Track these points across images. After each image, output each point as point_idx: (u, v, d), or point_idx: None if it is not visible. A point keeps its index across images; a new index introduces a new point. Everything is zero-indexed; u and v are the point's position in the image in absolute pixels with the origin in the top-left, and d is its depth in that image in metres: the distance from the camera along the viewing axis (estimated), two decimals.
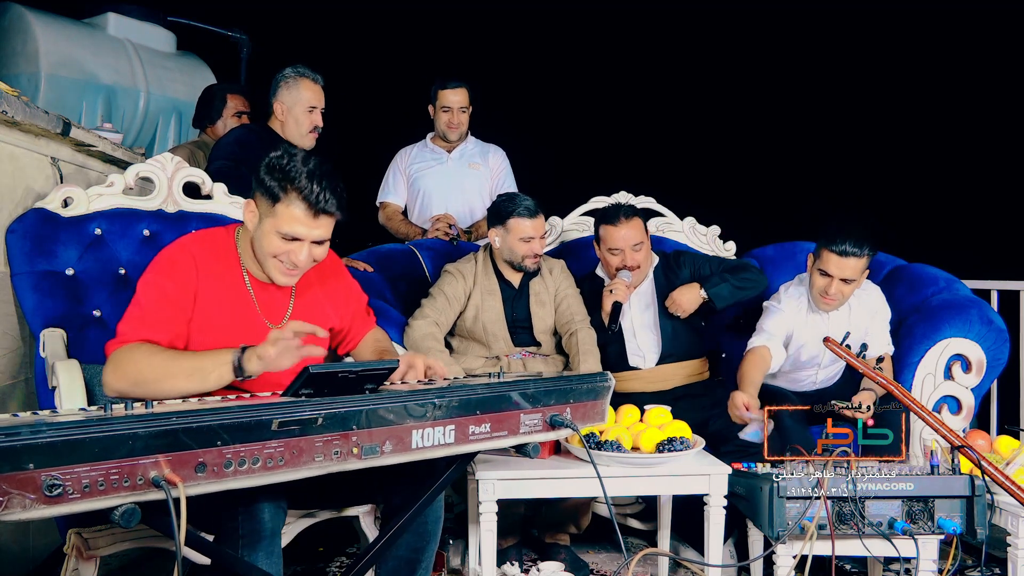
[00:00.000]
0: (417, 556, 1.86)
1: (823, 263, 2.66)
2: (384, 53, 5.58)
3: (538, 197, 2.87)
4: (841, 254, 2.61)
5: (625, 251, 2.89)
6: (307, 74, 3.03)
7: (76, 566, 1.84)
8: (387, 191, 3.77)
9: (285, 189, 1.77)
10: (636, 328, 2.95)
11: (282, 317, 1.94)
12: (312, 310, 2.00)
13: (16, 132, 2.33)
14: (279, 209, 1.78)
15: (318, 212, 1.78)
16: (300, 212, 1.77)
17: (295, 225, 1.78)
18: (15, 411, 2.22)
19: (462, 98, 3.63)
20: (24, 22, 3.85)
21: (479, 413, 1.62)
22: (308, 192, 1.76)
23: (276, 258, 1.83)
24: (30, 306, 2.25)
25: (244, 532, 1.59)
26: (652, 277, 3.01)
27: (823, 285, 2.68)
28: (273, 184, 1.77)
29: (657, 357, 2.93)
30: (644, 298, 2.98)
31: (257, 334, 1.87)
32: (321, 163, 1.81)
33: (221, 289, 1.87)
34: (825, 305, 2.73)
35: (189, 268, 1.84)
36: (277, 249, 1.81)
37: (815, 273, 2.70)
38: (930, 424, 2.12)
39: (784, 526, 2.01)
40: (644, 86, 5.63)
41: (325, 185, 1.77)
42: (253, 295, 1.91)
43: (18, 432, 1.11)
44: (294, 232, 1.79)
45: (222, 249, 1.91)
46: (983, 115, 5.00)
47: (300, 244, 1.81)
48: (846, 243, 2.60)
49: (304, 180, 1.76)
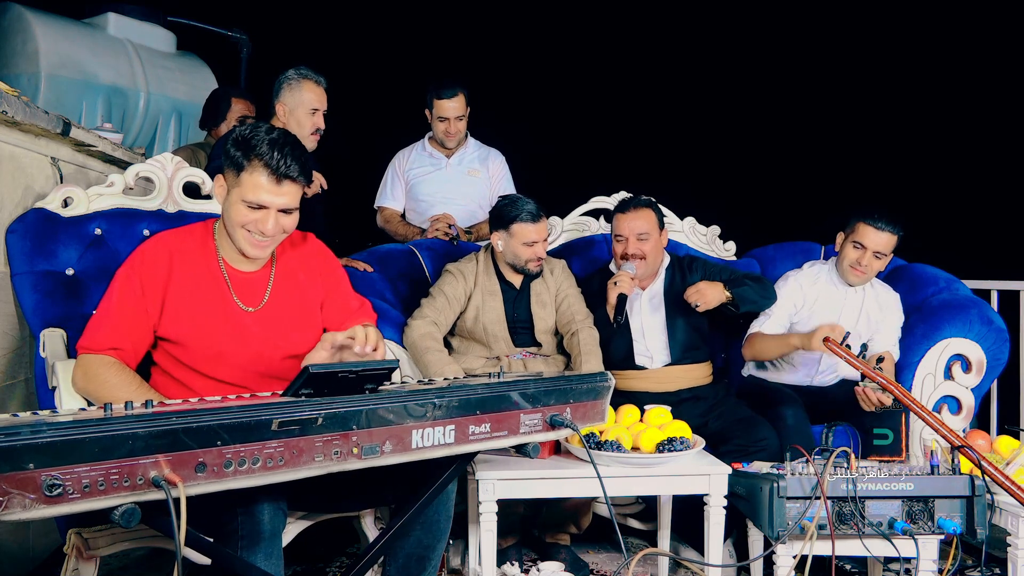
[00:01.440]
0: (427, 553, 1.87)
1: (859, 235, 2.82)
2: (383, 52, 5.57)
3: (538, 197, 2.87)
4: (878, 228, 2.79)
5: (629, 239, 2.89)
6: (310, 76, 3.01)
7: (76, 566, 1.84)
8: (385, 195, 3.75)
9: (248, 158, 1.82)
10: (645, 329, 2.94)
11: (259, 301, 1.98)
12: (291, 295, 2.02)
13: (16, 132, 2.33)
14: (243, 178, 1.83)
15: (280, 178, 1.83)
16: (263, 179, 1.82)
17: (259, 192, 1.83)
18: (15, 411, 2.22)
19: (458, 106, 3.57)
20: (24, 22, 3.85)
21: (479, 413, 1.62)
22: (270, 159, 1.81)
23: (244, 228, 1.87)
24: (30, 306, 2.26)
25: (244, 533, 1.59)
26: (663, 278, 3.00)
27: (856, 256, 2.83)
28: (237, 154, 1.83)
29: (664, 358, 2.93)
30: (654, 299, 2.97)
31: (232, 319, 1.93)
32: (285, 134, 1.87)
33: (195, 278, 1.92)
34: (855, 277, 2.86)
35: (160, 262, 1.90)
36: (245, 219, 1.86)
37: (848, 246, 2.85)
38: (930, 424, 2.13)
39: (784, 526, 2.01)
40: (644, 86, 5.63)
41: (287, 152, 1.83)
42: (228, 281, 1.95)
43: (18, 432, 1.11)
44: (259, 199, 1.83)
45: (198, 241, 1.97)
46: (983, 115, 5.00)
47: (267, 212, 1.85)
48: (883, 218, 2.79)
49: (266, 147, 1.81)
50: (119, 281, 1.90)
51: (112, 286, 1.90)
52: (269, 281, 2.00)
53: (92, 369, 1.83)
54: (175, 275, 1.90)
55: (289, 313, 2.00)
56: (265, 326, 1.96)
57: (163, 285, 1.89)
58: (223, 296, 1.94)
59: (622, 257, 2.92)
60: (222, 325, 1.92)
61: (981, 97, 5.03)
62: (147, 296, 1.88)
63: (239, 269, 1.97)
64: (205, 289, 1.92)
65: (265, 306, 1.97)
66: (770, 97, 5.47)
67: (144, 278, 1.88)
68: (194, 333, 1.90)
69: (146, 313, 1.88)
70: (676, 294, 2.94)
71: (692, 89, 5.56)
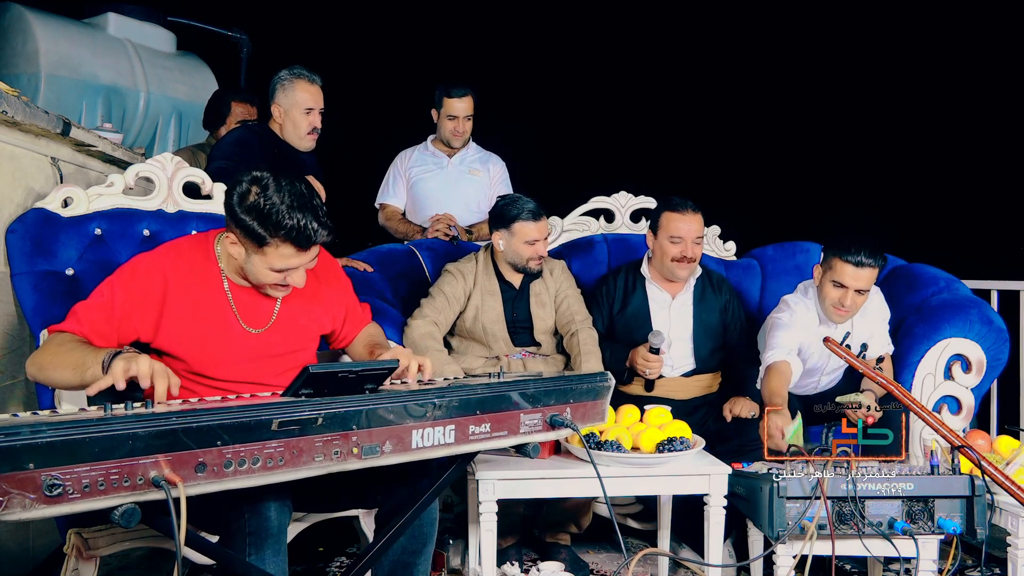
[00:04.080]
0: (412, 559, 1.86)
1: (837, 274, 2.55)
2: (384, 53, 5.57)
3: (538, 197, 2.87)
4: (857, 264, 2.51)
5: (687, 241, 2.85)
6: (303, 75, 2.96)
7: (76, 566, 1.84)
8: (387, 193, 3.76)
9: (270, 234, 1.73)
10: (673, 341, 2.93)
11: (266, 321, 1.93)
12: (300, 312, 1.98)
13: (16, 132, 2.33)
14: (268, 251, 1.76)
15: (308, 247, 1.78)
16: (290, 251, 1.77)
17: (288, 260, 1.78)
18: (15, 411, 2.21)
19: (467, 106, 3.61)
20: (24, 22, 3.85)
21: (479, 413, 1.62)
22: (294, 233, 1.73)
23: (270, 283, 1.83)
24: (30, 306, 2.25)
25: (251, 530, 1.59)
26: (692, 287, 2.98)
27: (838, 296, 2.57)
28: (259, 230, 1.73)
29: (685, 367, 2.94)
30: (683, 308, 2.96)
31: (235, 339, 1.88)
32: (295, 191, 1.75)
33: (196, 297, 1.85)
34: (839, 317, 2.63)
35: (153, 283, 1.82)
36: (273, 280, 1.82)
37: (827, 285, 2.59)
38: (930, 424, 2.12)
39: (784, 526, 2.00)
40: (645, 86, 5.63)
41: (308, 217, 1.74)
42: (232, 301, 1.89)
43: (18, 432, 1.11)
44: (288, 265, 1.79)
45: (200, 258, 1.89)
46: (983, 116, 5.00)
47: (295, 271, 1.82)
48: (861, 253, 2.50)
49: (287, 221, 1.72)
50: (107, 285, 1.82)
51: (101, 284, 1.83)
52: (277, 302, 1.95)
53: (43, 346, 1.77)
54: (173, 297, 1.83)
55: (295, 333, 1.97)
56: (270, 346, 1.93)
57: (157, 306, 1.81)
58: (226, 317, 1.88)
59: (678, 259, 2.84)
60: (224, 346, 1.87)
61: (981, 97, 5.03)
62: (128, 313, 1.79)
63: (244, 288, 1.91)
64: (206, 308, 1.86)
65: (271, 328, 1.93)
66: (770, 97, 5.46)
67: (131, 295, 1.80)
68: (194, 351, 1.85)
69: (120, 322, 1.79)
70: (704, 308, 2.95)
71: (692, 89, 5.56)
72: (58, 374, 1.69)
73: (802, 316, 2.69)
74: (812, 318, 2.70)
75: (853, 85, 5.38)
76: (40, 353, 1.77)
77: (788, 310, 2.70)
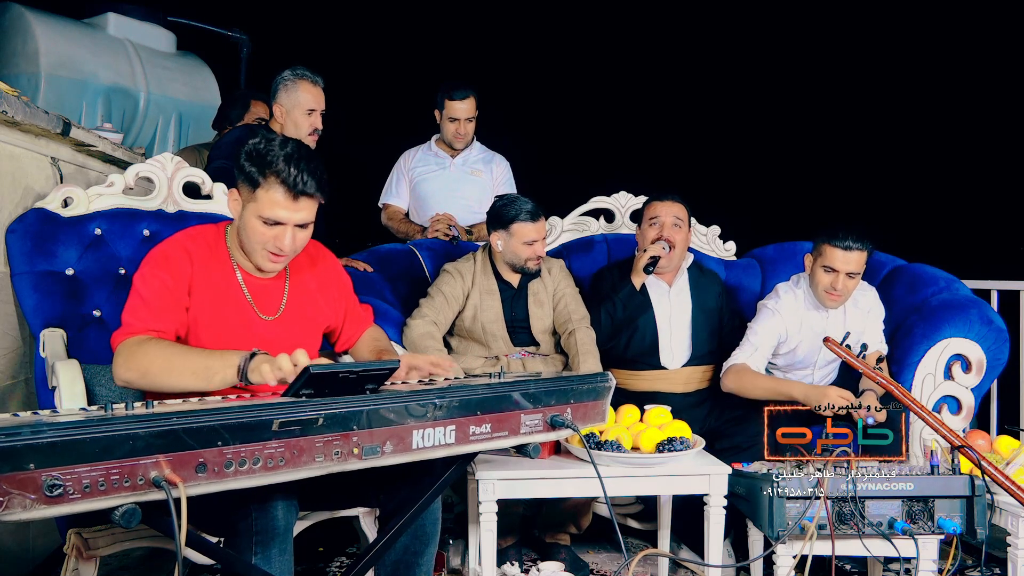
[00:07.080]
0: (414, 559, 1.86)
1: (827, 259, 2.69)
2: (385, 53, 5.58)
3: (537, 197, 2.87)
4: (845, 248, 2.65)
5: (665, 223, 2.91)
6: (306, 76, 2.98)
7: (76, 566, 1.84)
8: (390, 193, 3.77)
9: (264, 174, 1.78)
10: (674, 327, 2.95)
11: (276, 310, 1.96)
12: (306, 304, 2.01)
13: (16, 132, 2.33)
14: (259, 194, 1.80)
15: (298, 194, 1.79)
16: (280, 196, 1.79)
17: (276, 209, 1.80)
18: (15, 411, 2.21)
19: (469, 107, 3.61)
20: (24, 22, 3.86)
21: (480, 413, 1.61)
22: (286, 175, 1.77)
23: (261, 245, 1.84)
24: (30, 306, 2.25)
25: (258, 529, 1.59)
26: (686, 275, 3.02)
27: (829, 281, 2.70)
28: (252, 170, 1.79)
29: (684, 357, 2.94)
30: (680, 294, 2.99)
31: (251, 328, 1.91)
32: (299, 146, 1.83)
33: (213, 284, 1.88)
34: (831, 302, 2.75)
35: (184, 262, 1.86)
36: (262, 235, 1.83)
37: (819, 271, 2.72)
38: (930, 424, 2.12)
39: (784, 526, 2.01)
40: (645, 86, 5.63)
41: (303, 167, 1.79)
42: (245, 289, 1.92)
43: (18, 432, 1.11)
44: (276, 216, 1.80)
45: (213, 245, 1.92)
46: (983, 116, 5.01)
47: (283, 228, 1.82)
48: (848, 237, 2.65)
49: (282, 163, 1.77)
50: (144, 277, 1.83)
51: (136, 282, 1.84)
52: (285, 290, 1.98)
53: (131, 350, 1.73)
54: (196, 279, 1.86)
55: (303, 322, 2.00)
56: (281, 335, 1.94)
57: (187, 286, 1.85)
58: (242, 304, 1.91)
59: (654, 240, 2.91)
60: (242, 333, 1.88)
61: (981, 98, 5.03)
62: (179, 290, 1.83)
63: (255, 276, 1.94)
64: (224, 296, 1.89)
65: (282, 315, 1.96)
66: (770, 97, 5.47)
67: (172, 274, 1.83)
68: (213, 340, 1.85)
69: (179, 301, 1.83)
70: (700, 293, 2.99)
71: (692, 90, 5.56)
72: (174, 380, 1.69)
73: (788, 303, 2.82)
74: (798, 305, 2.82)
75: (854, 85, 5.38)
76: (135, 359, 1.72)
77: (775, 298, 2.85)
